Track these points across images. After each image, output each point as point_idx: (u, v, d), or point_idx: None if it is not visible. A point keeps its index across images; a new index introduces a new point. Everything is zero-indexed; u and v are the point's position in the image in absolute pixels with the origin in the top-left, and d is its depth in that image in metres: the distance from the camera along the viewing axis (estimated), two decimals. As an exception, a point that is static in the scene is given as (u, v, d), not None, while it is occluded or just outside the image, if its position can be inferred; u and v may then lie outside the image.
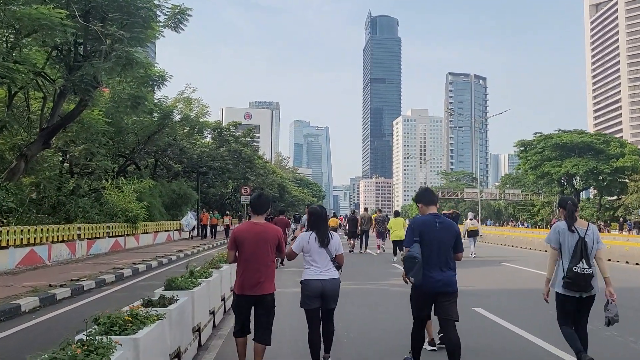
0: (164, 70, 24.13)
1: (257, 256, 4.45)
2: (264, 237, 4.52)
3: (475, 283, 11.19)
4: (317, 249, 4.75)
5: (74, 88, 15.59)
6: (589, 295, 4.57)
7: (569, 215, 4.66)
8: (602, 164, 63.32)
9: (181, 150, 30.45)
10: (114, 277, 11.53)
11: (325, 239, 4.79)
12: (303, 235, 4.90)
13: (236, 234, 4.60)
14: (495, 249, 23.45)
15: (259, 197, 4.84)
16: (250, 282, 4.40)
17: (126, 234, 20.03)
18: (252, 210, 4.79)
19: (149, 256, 16.53)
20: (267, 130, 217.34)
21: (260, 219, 4.68)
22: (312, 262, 4.78)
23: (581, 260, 4.47)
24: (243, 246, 4.50)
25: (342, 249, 4.99)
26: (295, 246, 4.85)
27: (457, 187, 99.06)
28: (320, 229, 4.84)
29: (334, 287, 4.75)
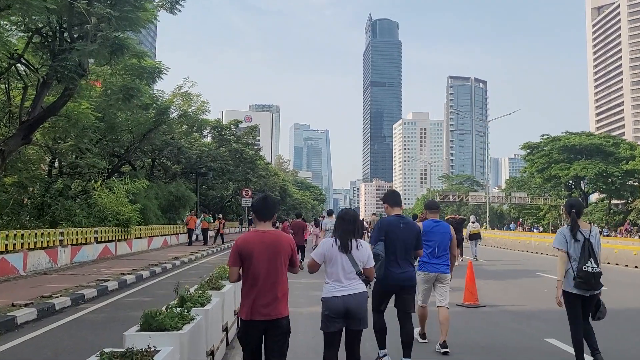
0: (160, 62, 22.53)
1: (269, 273, 3.58)
2: (277, 250, 3.62)
3: (525, 301, 9.45)
4: (339, 257, 4.00)
5: (57, 76, 13.87)
6: (594, 294, 4.78)
7: (572, 224, 4.85)
8: (611, 166, 61.67)
9: (179, 149, 28.71)
10: (96, 292, 9.77)
11: (350, 245, 4.01)
12: (325, 242, 4.12)
13: (241, 247, 3.61)
14: (513, 255, 21.71)
15: (265, 201, 3.83)
16: (261, 304, 3.53)
17: (117, 239, 18.27)
18: (256, 216, 3.78)
19: (141, 264, 14.79)
20: (267, 133, 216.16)
21: (268, 227, 3.73)
22: (333, 274, 4.02)
23: (590, 260, 4.67)
24: (251, 262, 3.57)
25: (372, 261, 4.13)
26: (317, 254, 4.08)
27: (459, 190, 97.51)
28: (345, 233, 4.05)
29: (359, 304, 3.94)
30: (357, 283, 3.98)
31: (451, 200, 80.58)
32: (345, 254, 3.96)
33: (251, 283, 3.55)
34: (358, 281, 3.99)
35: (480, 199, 76.09)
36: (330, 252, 3.98)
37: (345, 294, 3.92)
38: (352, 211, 4.24)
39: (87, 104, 18.02)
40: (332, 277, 3.99)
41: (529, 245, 23.89)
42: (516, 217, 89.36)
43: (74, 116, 17.53)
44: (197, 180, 29.91)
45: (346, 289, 3.93)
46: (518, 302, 9.25)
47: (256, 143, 41.82)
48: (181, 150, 28.79)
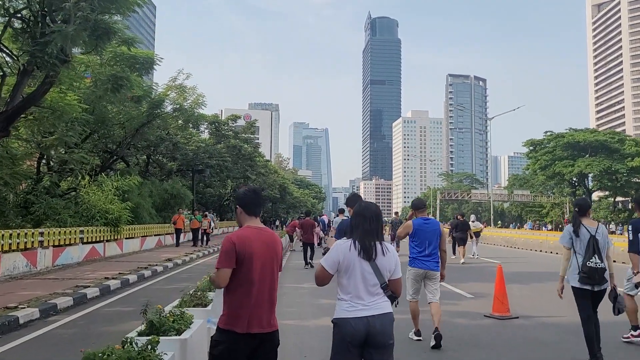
0: (152, 52, 21.36)
1: (266, 278, 3.04)
2: (276, 251, 3.10)
3: (563, 311, 8.22)
4: (359, 266, 3.02)
5: (36, 61, 12.71)
6: (600, 289, 4.98)
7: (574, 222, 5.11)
8: (617, 163, 60.59)
9: (174, 145, 27.52)
10: (72, 301, 8.62)
11: (374, 250, 3.03)
12: (340, 245, 3.10)
13: (240, 245, 2.96)
14: (528, 255, 20.59)
15: (256, 193, 3.22)
16: (259, 315, 2.97)
17: (106, 240, 17.09)
18: (245, 211, 3.16)
19: (130, 267, 13.64)
20: (266, 131, 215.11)
21: (259, 222, 3.16)
22: (350, 287, 3.03)
23: (594, 256, 4.89)
24: (251, 264, 2.97)
25: (399, 271, 3.14)
26: (328, 260, 3.07)
27: (459, 188, 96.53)
28: (367, 234, 3.08)
29: (384, 328, 2.99)
30: (382, 300, 3.02)
31: (453, 198, 79.51)
32: (368, 262, 2.99)
33: (247, 289, 2.93)
34: (383, 298, 3.03)
35: (483, 196, 75.00)
36: (347, 259, 3.00)
37: (369, 314, 2.94)
38: (374, 206, 3.22)
39: (73, 95, 16.85)
40: (348, 292, 3.00)
41: (542, 244, 22.75)
42: (518, 215, 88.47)
43: (59, 108, 16.33)
44: (194, 178, 28.72)
45: (369, 308, 2.96)
46: (555, 311, 8.07)
47: (255, 139, 40.57)
48: (177, 146, 27.61)
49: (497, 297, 7.55)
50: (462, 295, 9.70)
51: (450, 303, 8.79)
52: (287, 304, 8.59)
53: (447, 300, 9.06)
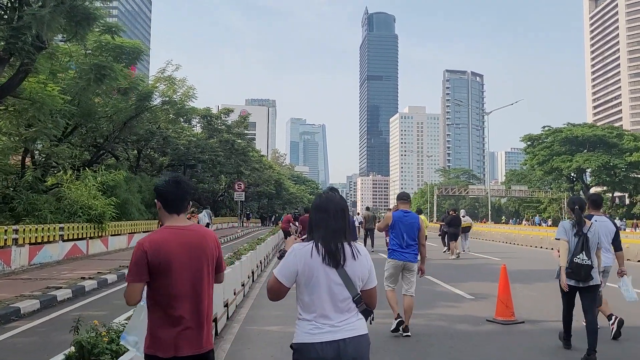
0: (139, 42, 20.62)
1: (195, 289, 2.45)
2: (204, 253, 2.49)
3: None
4: (324, 275, 2.32)
5: (10, 49, 11.97)
6: (588, 285, 5.07)
7: (577, 220, 5.16)
8: (615, 158, 60.14)
9: (165, 139, 26.76)
10: (39, 304, 7.93)
11: (342, 253, 2.34)
12: (297, 250, 2.39)
13: (153, 253, 2.36)
14: (529, 253, 20.00)
15: (177, 184, 2.58)
16: (188, 334, 2.37)
17: (89, 237, 16.37)
18: (165, 207, 2.55)
19: (111, 265, 12.95)
20: (263, 127, 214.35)
21: (182, 220, 2.54)
22: (313, 304, 2.33)
23: (581, 252, 5.00)
24: (170, 275, 2.38)
25: (374, 278, 2.46)
26: (283, 271, 2.39)
27: (456, 184, 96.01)
28: (332, 234, 2.38)
29: (359, 354, 2.30)
30: (354, 318, 2.35)
31: (450, 193, 78.96)
32: (336, 270, 2.32)
33: (168, 305, 2.41)
34: (356, 315, 2.37)
35: (480, 192, 74.45)
36: (308, 268, 2.33)
37: (339, 337, 2.28)
38: (338, 198, 2.51)
39: (53, 85, 16.10)
40: (312, 310, 2.33)
41: (543, 240, 22.14)
42: (515, 211, 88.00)
43: (39, 99, 15.59)
44: (185, 173, 27.99)
45: (339, 330, 2.29)
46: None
47: (248, 133, 39.78)
48: (167, 141, 26.85)
49: (500, 300, 6.89)
50: (461, 296, 9.04)
51: (449, 305, 8.14)
52: (274, 307, 7.92)
53: (445, 302, 8.42)
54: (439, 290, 9.75)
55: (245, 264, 9.15)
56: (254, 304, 8.44)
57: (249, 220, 55.71)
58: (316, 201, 2.48)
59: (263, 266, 13.65)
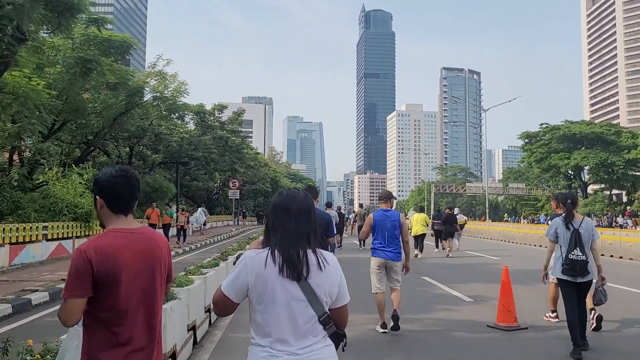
0: (128, 35, 20.06)
1: (146, 301, 2.06)
2: (157, 259, 2.10)
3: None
4: (282, 291, 1.85)
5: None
6: (584, 281, 5.19)
7: (568, 213, 5.29)
8: (613, 156, 59.81)
9: (157, 136, 26.21)
10: (10, 309, 7.42)
11: (304, 264, 1.86)
12: (249, 258, 1.92)
13: (100, 261, 1.94)
14: (528, 252, 19.60)
15: (126, 177, 2.09)
16: (140, 355, 2.01)
17: (75, 236, 15.84)
18: (110, 206, 2.06)
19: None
20: (260, 125, 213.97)
21: (131, 222, 2.09)
22: (270, 325, 1.85)
23: (576, 248, 5.10)
24: (118, 286, 1.96)
25: (346, 293, 2.00)
26: (229, 284, 1.93)
27: (454, 181, 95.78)
28: (291, 240, 1.90)
29: None
30: (321, 344, 1.89)
31: (447, 191, 78.64)
32: (297, 283, 1.87)
33: (116, 323, 2.00)
34: (323, 340, 1.91)
35: (477, 190, 74.16)
36: (261, 281, 1.88)
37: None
38: (303, 195, 2.03)
39: (38, 79, 15.56)
40: (267, 334, 1.87)
41: (543, 239, 21.71)
42: (513, 208, 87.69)
43: (22, 93, 15.06)
44: (178, 171, 27.48)
45: (299, 358, 1.83)
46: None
47: (243, 130, 39.21)
48: (159, 138, 26.30)
49: (502, 304, 6.43)
50: (460, 299, 8.58)
51: (447, 309, 7.68)
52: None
53: (443, 305, 7.96)
54: (436, 293, 9.30)
55: (231, 266, 8.67)
56: (240, 307, 7.96)
57: (246, 219, 55.22)
58: (275, 199, 2.01)
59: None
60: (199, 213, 29.20)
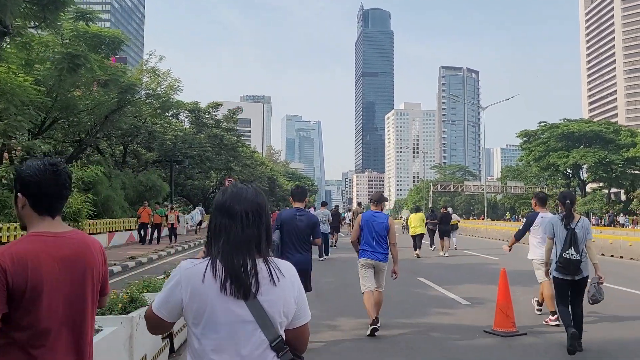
0: (118, 31, 19.70)
1: (73, 317, 1.77)
2: (88, 269, 1.80)
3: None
4: (225, 311, 1.50)
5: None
6: (579, 278, 5.23)
7: (568, 214, 5.30)
8: (612, 154, 59.59)
9: (150, 134, 25.83)
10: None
11: (252, 277, 1.51)
12: (184, 269, 1.55)
13: (17, 271, 1.63)
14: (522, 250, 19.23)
15: (55, 173, 1.77)
16: None
17: (63, 236, 15.48)
18: (31, 203, 1.77)
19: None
20: (258, 124, 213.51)
21: (58, 225, 1.82)
22: (207, 356, 1.49)
23: (570, 248, 5.14)
24: (39, 299, 1.67)
25: (306, 309, 1.63)
26: (161, 301, 1.58)
27: (452, 180, 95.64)
28: (236, 248, 1.54)
29: None
30: None
31: (445, 190, 78.43)
32: (244, 301, 1.53)
33: (35, 345, 1.67)
34: None
35: (476, 188, 73.95)
36: (196, 298, 1.54)
37: None
38: (252, 192, 1.66)
39: (24, 75, 15.18)
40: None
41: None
42: (511, 207, 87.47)
43: (8, 89, 14.68)
44: (172, 169, 27.13)
45: None
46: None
47: (240, 129, 38.80)
48: (153, 136, 25.92)
49: (500, 309, 6.08)
50: (455, 301, 8.24)
51: (442, 312, 7.33)
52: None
53: (438, 308, 7.61)
54: (431, 294, 8.96)
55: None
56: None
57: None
58: (217, 198, 1.65)
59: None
60: (196, 212, 29.52)
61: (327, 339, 5.78)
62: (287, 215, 5.57)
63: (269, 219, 1.64)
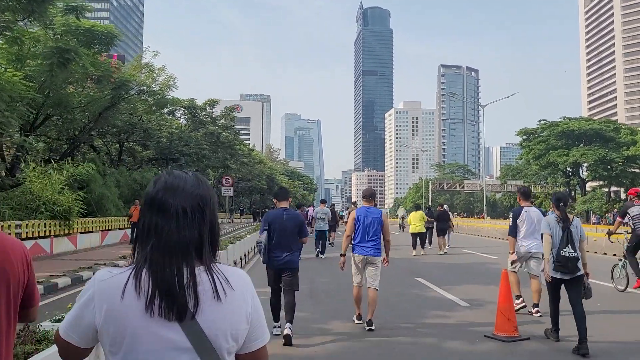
0: (111, 26, 19.33)
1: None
2: (4, 277, 1.52)
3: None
4: (151, 335, 1.13)
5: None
6: (577, 276, 5.25)
7: (564, 216, 5.35)
8: (612, 152, 59.20)
9: (145, 131, 25.46)
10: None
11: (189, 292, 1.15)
12: (97, 281, 1.19)
13: None
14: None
15: None
16: None
17: (54, 235, 15.14)
18: None
19: (73, 266, 11.77)
20: (258, 122, 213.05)
21: None
22: None
23: (567, 246, 5.18)
24: None
25: (263, 329, 1.26)
26: (70, 323, 1.20)
27: (452, 179, 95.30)
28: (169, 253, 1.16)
29: None
30: None
31: (445, 188, 78.09)
32: (178, 322, 1.13)
33: None
34: None
35: (475, 187, 73.60)
36: (112, 320, 1.15)
37: None
38: (191, 182, 1.25)
39: (13, 71, 14.84)
40: None
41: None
42: (510, 206, 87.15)
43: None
44: (168, 167, 26.76)
45: None
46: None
47: (236, 126, 38.36)
48: (148, 133, 25.54)
49: (501, 312, 5.75)
50: (455, 303, 7.90)
51: (440, 315, 6.99)
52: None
53: (436, 311, 7.27)
54: (429, 295, 8.61)
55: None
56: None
57: (243, 216, 54.52)
58: (148, 189, 1.26)
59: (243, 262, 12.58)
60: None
61: (318, 343, 5.46)
62: (274, 216, 5.57)
63: (215, 216, 1.28)
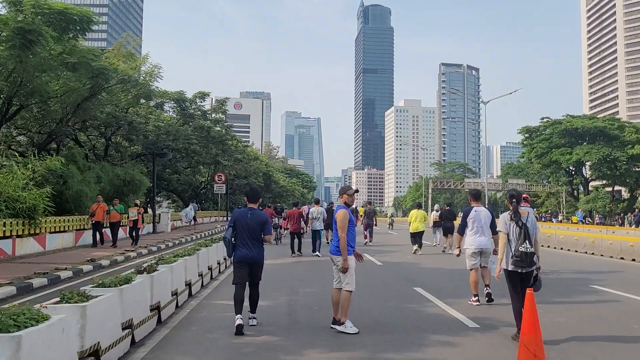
0: (88, 9, 17.91)
1: None
2: None
3: (612, 348, 5.12)
4: None
5: None
6: (528, 271, 5.50)
7: (515, 211, 5.58)
8: (616, 151, 57.77)
9: (130, 124, 24.05)
10: None
11: None
12: None
13: None
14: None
15: None
16: None
17: (16, 235, 13.77)
18: None
19: (27, 271, 10.43)
20: (258, 120, 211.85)
21: None
22: None
23: (525, 241, 5.43)
24: None
25: None
26: None
27: (452, 177, 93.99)
28: None
29: None
30: None
31: (445, 187, 76.76)
32: None
33: None
34: None
35: (476, 185, 72.18)
36: None
37: None
38: None
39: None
40: None
41: (550, 239, 19.73)
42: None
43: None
44: (155, 162, 25.36)
45: None
46: (602, 350, 4.92)
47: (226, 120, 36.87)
48: (133, 126, 24.13)
49: (525, 345, 4.38)
50: (461, 323, 6.47)
51: (443, 342, 5.57)
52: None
53: (439, 335, 5.84)
54: (430, 312, 7.20)
55: (159, 280, 6.53)
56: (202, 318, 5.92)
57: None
58: None
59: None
60: (189, 208, 29.68)
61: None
62: (239, 214, 6.05)
63: None
